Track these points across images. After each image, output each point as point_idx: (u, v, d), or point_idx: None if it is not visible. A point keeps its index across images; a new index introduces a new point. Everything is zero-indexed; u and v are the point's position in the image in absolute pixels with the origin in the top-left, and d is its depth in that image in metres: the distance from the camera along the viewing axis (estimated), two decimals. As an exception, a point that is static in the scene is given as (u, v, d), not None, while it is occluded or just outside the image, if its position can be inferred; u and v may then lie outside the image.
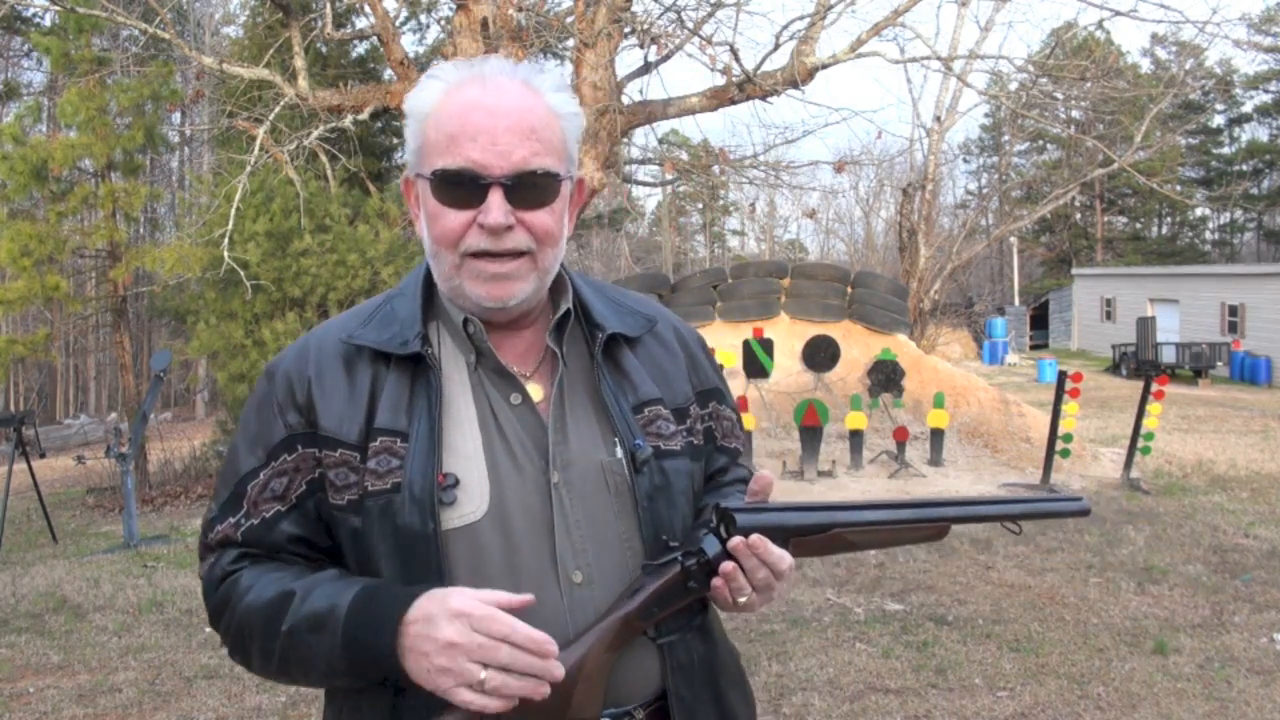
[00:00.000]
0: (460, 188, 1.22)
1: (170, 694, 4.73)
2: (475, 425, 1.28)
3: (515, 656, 1.12)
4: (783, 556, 1.25)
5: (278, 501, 1.28)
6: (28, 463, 9.30)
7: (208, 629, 5.81)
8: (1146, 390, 9.64)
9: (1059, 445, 9.55)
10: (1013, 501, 1.44)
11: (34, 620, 6.06)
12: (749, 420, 10.02)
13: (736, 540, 1.23)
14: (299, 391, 1.29)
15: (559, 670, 1.14)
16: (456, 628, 1.12)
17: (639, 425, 1.32)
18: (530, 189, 1.23)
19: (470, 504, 1.24)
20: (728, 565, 1.23)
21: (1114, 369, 26.38)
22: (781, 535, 1.28)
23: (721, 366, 1.59)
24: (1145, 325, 25.54)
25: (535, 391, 1.32)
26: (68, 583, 6.97)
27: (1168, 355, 24.50)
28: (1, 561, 8.02)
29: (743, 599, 1.24)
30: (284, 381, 1.31)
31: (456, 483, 1.24)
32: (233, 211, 11.03)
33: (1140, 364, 23.39)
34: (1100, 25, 17.34)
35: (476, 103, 1.23)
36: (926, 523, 1.37)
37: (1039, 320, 39.42)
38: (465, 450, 1.26)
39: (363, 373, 1.29)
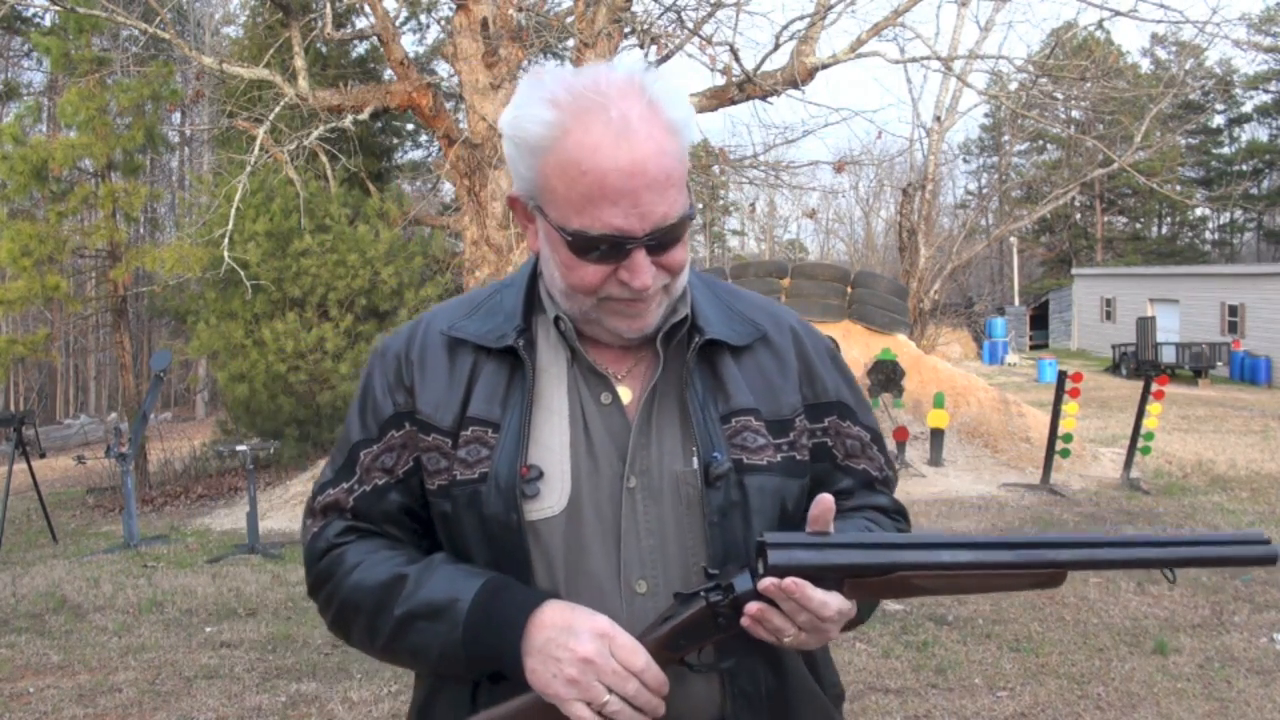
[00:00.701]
0: (601, 249, 1.18)
1: (170, 694, 4.72)
2: (565, 420, 1.27)
3: (641, 694, 1.13)
4: (825, 603, 1.14)
5: (387, 474, 1.30)
6: (28, 463, 9.30)
7: (208, 628, 5.81)
8: (1146, 390, 9.64)
9: (1059, 445, 9.55)
10: (1171, 543, 1.18)
11: (34, 620, 6.06)
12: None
13: (767, 582, 1.13)
14: (405, 373, 1.31)
15: (661, 711, 1.15)
16: (597, 646, 1.13)
17: (724, 436, 1.26)
18: (669, 238, 1.19)
19: (550, 498, 1.24)
20: (753, 607, 1.14)
21: (1114, 369, 26.39)
22: (832, 575, 1.15)
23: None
24: (1145, 325, 25.55)
25: (625, 393, 1.29)
26: (68, 583, 6.97)
27: (1168, 355, 24.51)
28: (1, 561, 8.02)
29: (786, 639, 1.16)
30: (394, 361, 1.33)
31: (540, 475, 1.24)
32: (233, 211, 11.03)
33: (1140, 364, 23.41)
34: (1100, 25, 17.33)
35: (611, 160, 1.13)
36: (1030, 568, 1.18)
37: (1039, 320, 39.44)
38: (552, 444, 1.26)
39: (463, 362, 1.30)
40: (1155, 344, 25.03)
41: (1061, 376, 9.54)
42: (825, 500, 1.17)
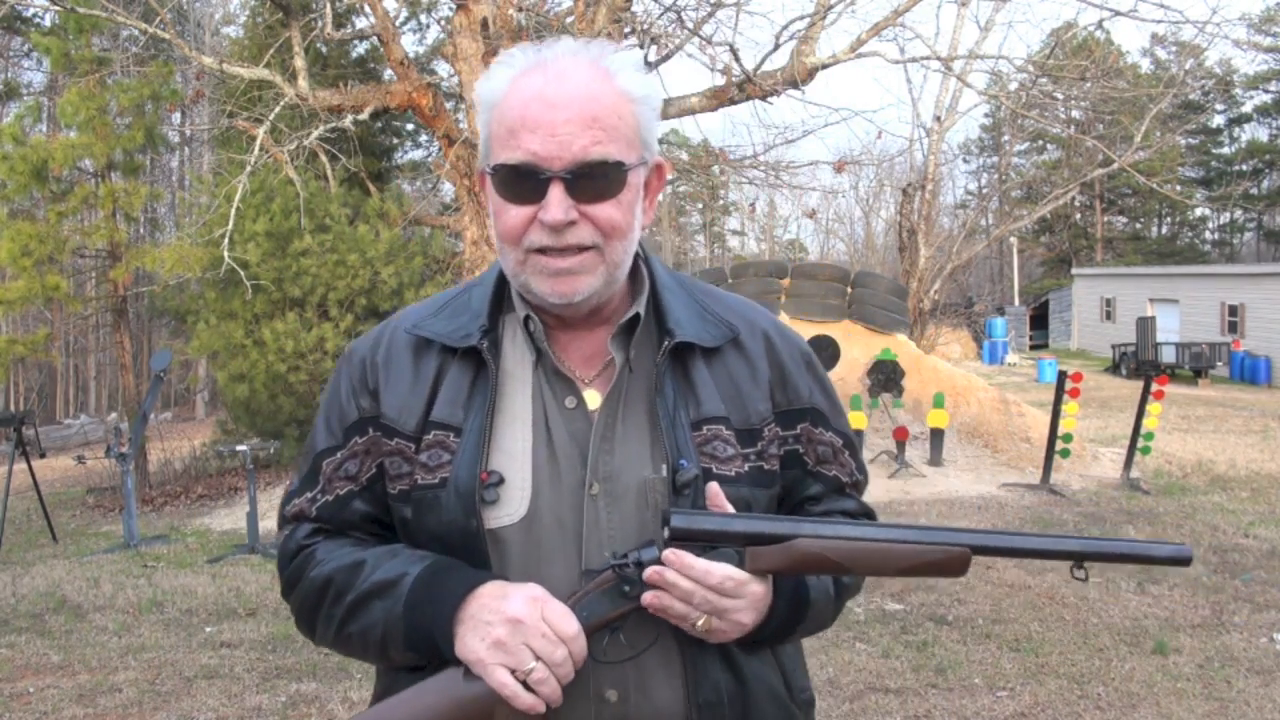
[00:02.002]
0: (520, 183, 1.18)
1: (170, 694, 4.73)
2: (528, 425, 1.25)
3: (566, 664, 1.13)
4: (708, 570, 1.14)
5: (350, 481, 1.30)
6: (28, 463, 9.30)
7: (208, 628, 5.81)
8: (1146, 390, 9.64)
9: (1059, 445, 9.55)
10: (1069, 538, 1.21)
11: (34, 620, 6.06)
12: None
13: (667, 552, 1.14)
14: (370, 377, 1.31)
15: (568, 681, 1.15)
16: (529, 609, 1.13)
17: (694, 444, 1.24)
18: (592, 181, 1.17)
19: (510, 505, 1.22)
20: (651, 570, 1.14)
21: (1114, 369, 26.39)
22: (731, 543, 1.17)
23: None
24: (1145, 325, 25.54)
25: (592, 398, 1.27)
26: (68, 583, 6.97)
27: (1168, 355, 24.50)
28: (1, 561, 8.02)
29: (698, 623, 1.16)
30: (359, 365, 1.33)
31: (501, 481, 1.22)
32: (233, 211, 11.03)
33: (1140, 364, 23.39)
34: (1100, 25, 17.32)
35: (538, 93, 1.17)
36: (933, 546, 1.18)
37: (1039, 320, 39.43)
38: (513, 450, 1.24)
39: (429, 363, 1.28)
40: (1155, 344, 25.02)
41: (1061, 376, 9.54)
42: (711, 487, 1.20)
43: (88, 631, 5.80)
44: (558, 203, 1.17)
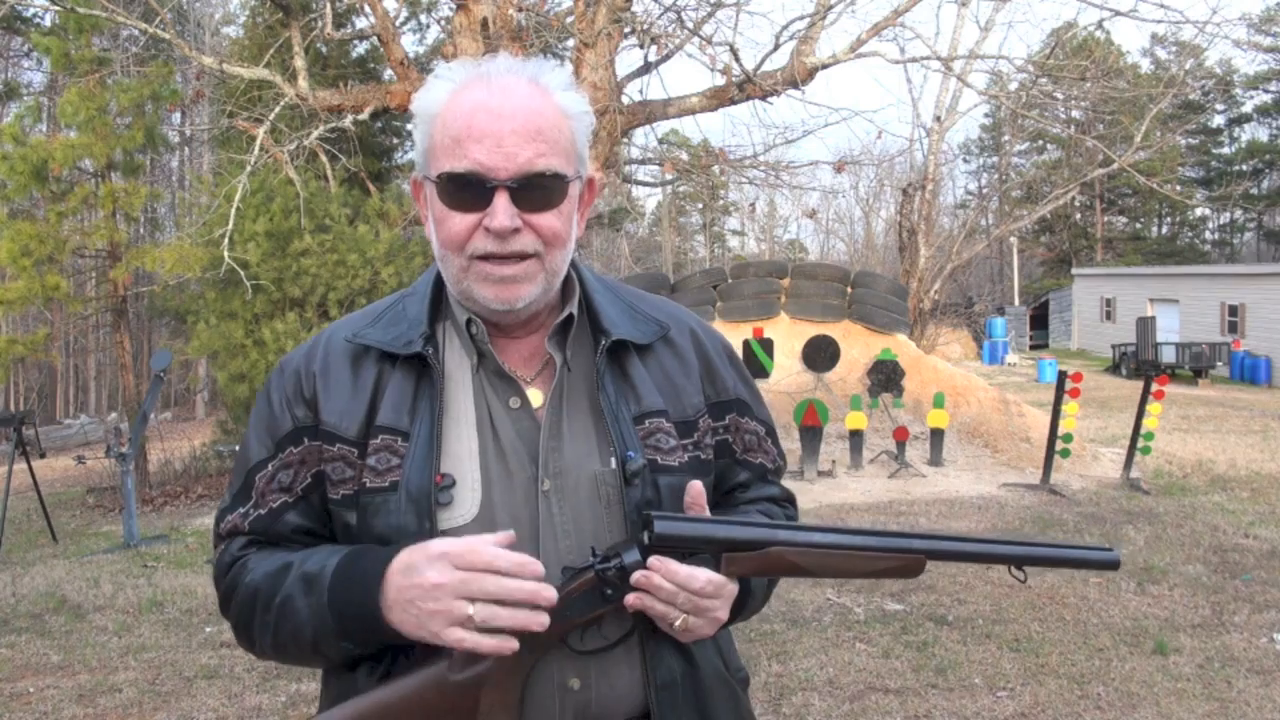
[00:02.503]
0: (466, 191, 1.21)
1: (170, 694, 4.73)
2: (473, 428, 1.28)
3: (502, 584, 1.12)
4: (692, 575, 1.19)
5: (284, 493, 1.30)
6: (28, 463, 9.30)
7: (208, 628, 5.81)
8: (1146, 390, 9.64)
9: (1059, 445, 9.55)
10: (1010, 543, 1.32)
11: (34, 620, 6.06)
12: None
13: (653, 559, 1.19)
14: (306, 386, 1.31)
15: (550, 592, 1.13)
16: (439, 568, 1.13)
17: (638, 437, 1.29)
18: (536, 191, 1.21)
19: (462, 506, 1.24)
20: (639, 574, 1.18)
21: (1114, 369, 26.39)
22: (711, 549, 1.22)
23: None
24: (1145, 325, 25.54)
25: (535, 397, 1.31)
26: (68, 583, 6.97)
27: (1168, 355, 24.50)
28: (1, 561, 8.02)
29: (676, 623, 1.20)
30: (293, 376, 1.33)
31: (453, 484, 1.24)
32: (233, 211, 11.03)
33: (1140, 364, 23.40)
34: (1100, 25, 17.35)
35: (482, 104, 1.21)
36: (891, 553, 1.26)
37: (1039, 320, 39.44)
38: (461, 453, 1.26)
39: (368, 371, 1.30)
40: (1155, 344, 25.02)
41: (1061, 376, 9.54)
42: (695, 486, 1.25)
43: (88, 631, 5.80)
44: (504, 210, 1.20)
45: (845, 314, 12.43)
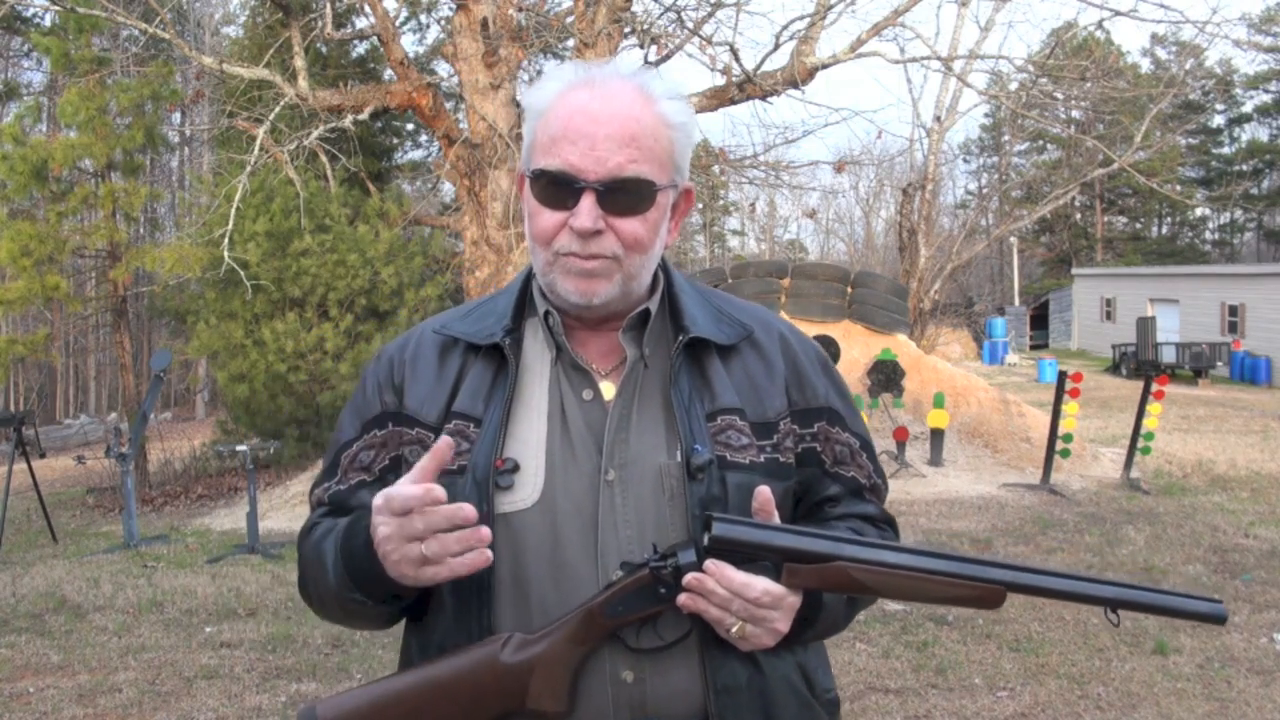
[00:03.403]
0: (556, 189, 1.25)
1: (170, 694, 4.72)
2: (544, 416, 1.31)
3: (427, 519, 1.15)
4: (747, 584, 1.17)
5: (363, 472, 1.37)
6: (28, 463, 9.29)
7: (208, 628, 5.81)
8: (1146, 390, 9.64)
9: (1059, 445, 9.55)
10: (1105, 582, 1.23)
11: (34, 620, 6.06)
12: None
13: (708, 563, 1.17)
14: (396, 374, 1.38)
15: (468, 510, 1.15)
16: (380, 522, 1.18)
17: (708, 433, 1.29)
18: (623, 195, 1.24)
19: (524, 490, 1.27)
20: (691, 576, 1.18)
21: (1114, 369, 26.39)
22: (771, 557, 1.19)
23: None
24: (1145, 325, 25.54)
25: (608, 389, 1.33)
26: (68, 583, 6.97)
27: (1168, 355, 24.49)
28: (1, 561, 8.02)
29: (732, 629, 1.19)
30: (387, 364, 1.40)
31: (516, 468, 1.27)
32: (233, 211, 11.03)
33: (1140, 364, 23.39)
34: (1100, 25, 17.33)
35: (582, 107, 1.25)
36: (967, 580, 1.19)
37: (1039, 320, 39.43)
38: (529, 439, 1.30)
39: (453, 361, 1.36)
40: (1155, 344, 25.01)
41: (1061, 376, 9.54)
42: (763, 492, 1.22)
43: (88, 631, 5.80)
44: (587, 212, 1.24)
45: (845, 314, 12.43)
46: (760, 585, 1.18)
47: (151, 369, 9.70)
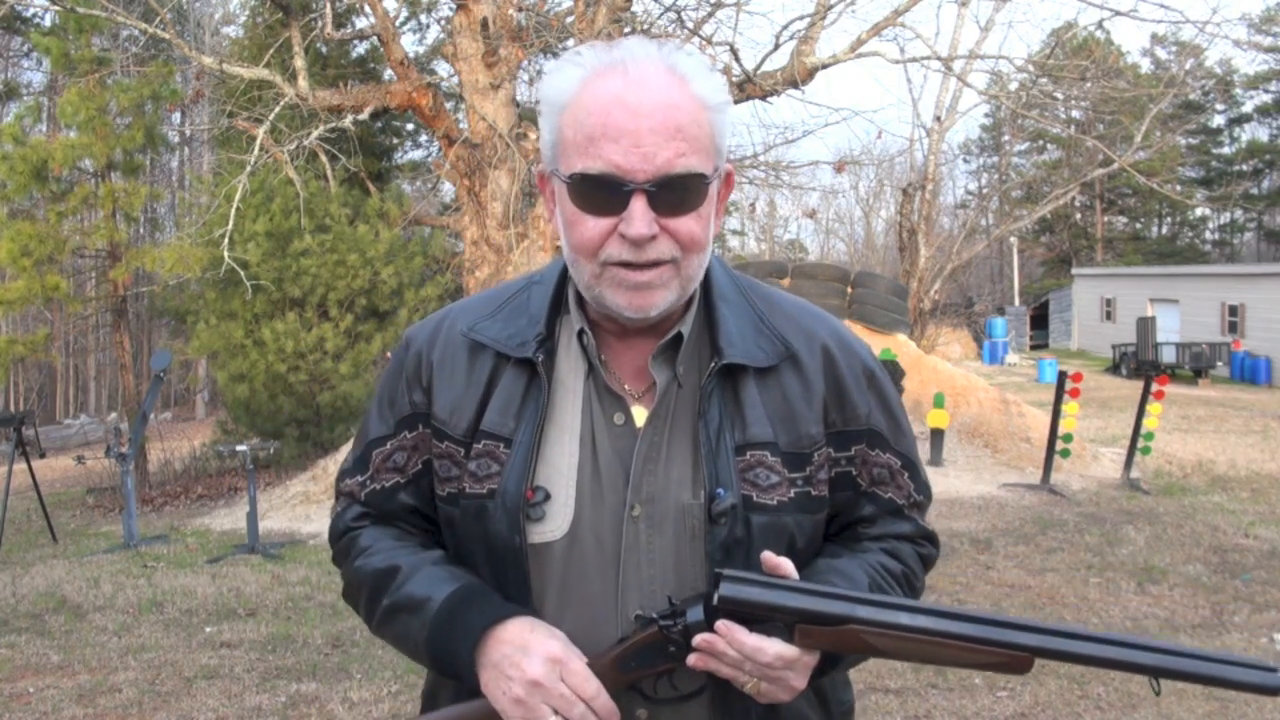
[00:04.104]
0: (601, 193, 1.14)
1: (170, 694, 4.72)
2: (576, 439, 1.24)
3: (587, 718, 1.14)
4: (759, 648, 1.11)
5: (398, 473, 1.32)
6: (28, 463, 9.29)
7: (208, 628, 5.81)
8: (1146, 390, 9.64)
9: (1059, 445, 9.55)
10: (1145, 647, 1.11)
11: (34, 620, 6.06)
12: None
13: (719, 624, 1.12)
14: (424, 373, 1.30)
15: None
16: (547, 670, 1.13)
17: (736, 470, 1.20)
18: (675, 193, 1.14)
19: (554, 521, 1.22)
20: (700, 639, 1.12)
21: (1114, 369, 26.39)
22: (781, 618, 1.13)
23: None
24: (1145, 325, 25.54)
25: (640, 415, 1.24)
26: (68, 583, 6.97)
27: (1168, 355, 24.50)
28: (1, 561, 8.02)
29: (746, 686, 1.14)
30: (415, 357, 1.32)
31: (547, 497, 1.21)
32: (233, 211, 11.04)
33: (1140, 364, 23.40)
34: (1100, 25, 17.35)
35: (618, 99, 1.13)
36: (992, 646, 1.11)
37: (1039, 320, 39.43)
38: (560, 464, 1.23)
39: (483, 366, 1.27)
40: (1155, 344, 25.01)
41: (1062, 376, 9.54)
42: (770, 558, 1.16)
43: (88, 631, 5.80)
44: (641, 216, 1.13)
45: (845, 314, 12.44)
46: (773, 650, 1.12)
47: (151, 369, 9.70)
